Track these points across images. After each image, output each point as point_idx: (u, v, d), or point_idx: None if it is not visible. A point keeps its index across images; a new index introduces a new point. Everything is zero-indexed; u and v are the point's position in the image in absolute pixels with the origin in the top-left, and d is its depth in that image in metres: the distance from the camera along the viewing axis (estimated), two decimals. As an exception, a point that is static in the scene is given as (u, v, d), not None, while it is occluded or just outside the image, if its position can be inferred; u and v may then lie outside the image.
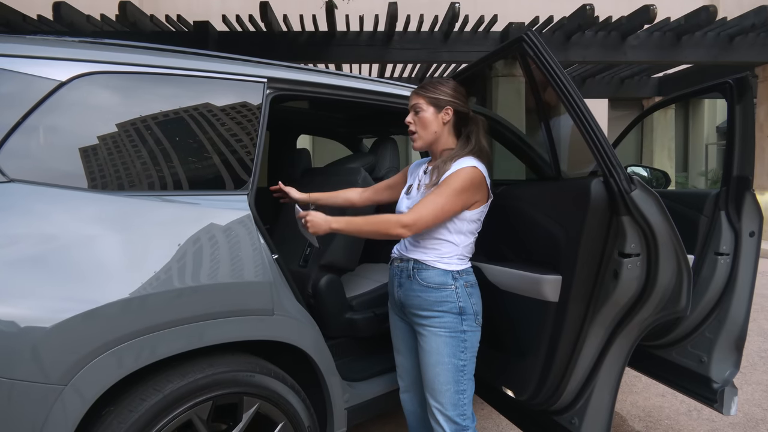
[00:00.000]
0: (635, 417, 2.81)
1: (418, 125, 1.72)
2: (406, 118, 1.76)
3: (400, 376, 1.93)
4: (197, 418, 1.45)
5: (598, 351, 1.71)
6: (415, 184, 1.78)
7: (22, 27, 6.81)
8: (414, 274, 1.70)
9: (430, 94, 1.70)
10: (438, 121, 1.71)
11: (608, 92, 11.38)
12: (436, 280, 1.66)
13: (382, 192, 1.99)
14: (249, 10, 7.71)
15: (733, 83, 2.08)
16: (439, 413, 1.66)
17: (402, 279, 1.74)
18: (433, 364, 1.66)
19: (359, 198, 2.01)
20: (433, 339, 1.66)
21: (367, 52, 7.92)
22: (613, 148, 1.51)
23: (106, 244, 1.35)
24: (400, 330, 1.87)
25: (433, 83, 1.73)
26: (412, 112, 1.73)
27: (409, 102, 1.76)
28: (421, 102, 1.71)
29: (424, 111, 1.71)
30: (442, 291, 1.66)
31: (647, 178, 2.95)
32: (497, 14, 7.63)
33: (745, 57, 8.11)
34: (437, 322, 1.66)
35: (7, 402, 1.17)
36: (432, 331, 1.66)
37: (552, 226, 1.70)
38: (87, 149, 1.41)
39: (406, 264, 1.73)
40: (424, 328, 1.68)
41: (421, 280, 1.68)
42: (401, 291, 1.74)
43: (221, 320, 1.51)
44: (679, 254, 1.55)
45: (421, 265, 1.69)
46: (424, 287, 1.67)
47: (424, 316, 1.68)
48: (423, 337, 1.69)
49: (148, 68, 1.54)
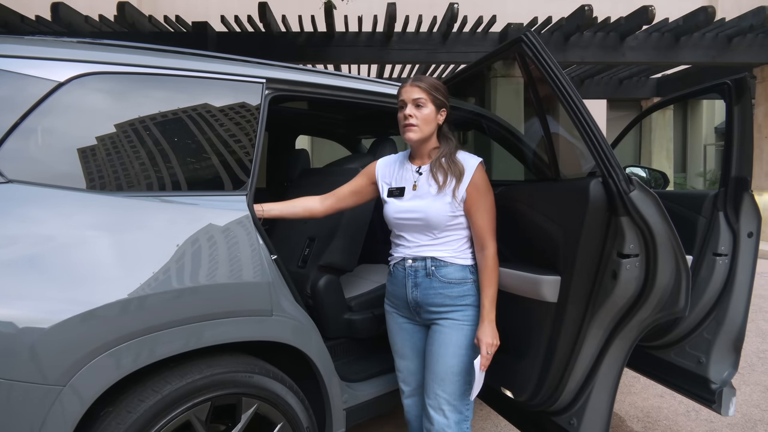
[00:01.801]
0: (634, 417, 2.81)
1: (421, 119, 1.69)
2: (405, 109, 1.69)
3: (404, 381, 1.89)
4: (196, 419, 1.45)
5: (596, 351, 1.71)
6: (409, 185, 1.74)
7: (20, 27, 6.80)
8: (433, 272, 1.70)
9: (434, 93, 1.69)
10: (435, 121, 1.72)
11: (607, 93, 11.40)
12: (456, 275, 1.69)
13: (347, 198, 1.89)
14: (248, 11, 7.72)
15: (732, 84, 2.08)
16: (446, 402, 1.67)
17: (418, 279, 1.72)
18: (451, 356, 1.67)
19: (321, 206, 1.88)
20: (455, 331, 1.68)
21: (366, 52, 7.92)
22: (611, 149, 1.51)
23: (105, 245, 1.35)
24: (407, 333, 1.83)
25: (432, 82, 1.71)
26: (413, 105, 1.69)
27: (406, 93, 1.70)
28: (424, 98, 1.68)
29: (425, 107, 1.69)
30: (462, 285, 1.70)
31: (646, 178, 2.95)
32: (496, 15, 7.65)
33: (743, 58, 8.13)
34: (461, 315, 1.69)
35: (6, 402, 1.16)
36: (454, 324, 1.68)
37: (551, 227, 1.70)
38: (85, 150, 1.40)
39: (421, 263, 1.72)
40: (445, 320, 1.70)
41: (441, 277, 1.69)
42: (418, 291, 1.72)
43: (220, 321, 1.51)
44: (677, 255, 1.55)
45: (439, 262, 1.70)
46: (445, 284, 1.69)
47: (445, 311, 1.69)
48: (442, 329, 1.70)
49: (146, 69, 1.54)
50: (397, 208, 1.73)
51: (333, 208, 1.90)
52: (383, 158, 1.88)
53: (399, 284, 1.78)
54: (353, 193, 1.89)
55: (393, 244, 1.83)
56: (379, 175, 1.84)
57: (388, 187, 1.80)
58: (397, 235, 1.78)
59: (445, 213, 1.66)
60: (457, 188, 1.66)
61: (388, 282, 1.87)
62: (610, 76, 10.88)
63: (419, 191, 1.71)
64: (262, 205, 1.76)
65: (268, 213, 1.77)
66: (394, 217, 1.74)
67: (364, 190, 1.87)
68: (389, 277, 1.86)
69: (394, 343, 1.89)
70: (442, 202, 1.66)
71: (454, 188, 1.66)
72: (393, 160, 1.85)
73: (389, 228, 1.81)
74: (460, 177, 1.66)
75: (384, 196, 1.80)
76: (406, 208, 1.71)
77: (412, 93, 1.69)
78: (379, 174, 1.84)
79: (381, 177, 1.83)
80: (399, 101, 1.73)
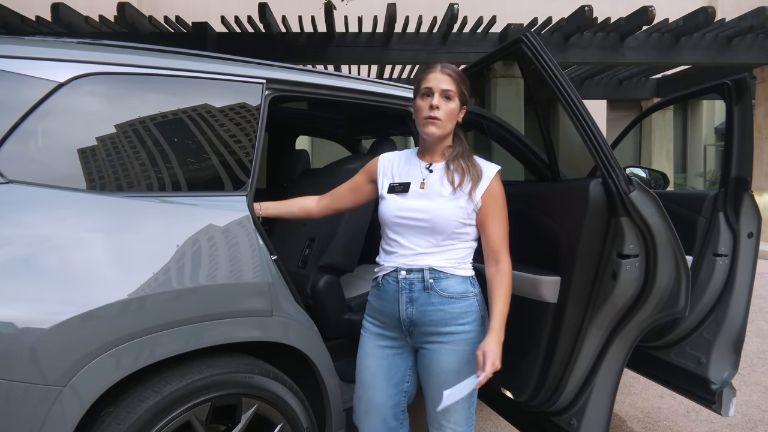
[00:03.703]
0: (634, 418, 2.81)
1: (445, 114, 1.50)
2: (431, 98, 1.50)
3: (365, 412, 1.63)
4: (196, 419, 1.45)
5: (596, 352, 1.71)
6: (415, 182, 1.56)
7: (20, 28, 6.80)
8: (432, 285, 1.50)
9: (462, 87, 1.53)
10: (457, 117, 1.56)
11: (607, 93, 11.40)
12: (458, 288, 1.52)
13: (345, 197, 1.75)
14: (248, 11, 7.71)
15: (732, 84, 2.08)
16: None
17: (414, 293, 1.52)
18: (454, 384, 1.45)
19: (317, 207, 1.78)
20: (455, 357, 1.50)
21: (366, 53, 7.92)
22: (611, 150, 1.51)
23: (105, 245, 1.35)
24: (386, 360, 1.60)
25: (462, 75, 1.54)
26: (441, 96, 1.49)
27: (435, 81, 1.50)
28: (453, 90, 1.50)
29: (452, 102, 1.51)
30: (465, 300, 1.52)
31: (646, 179, 2.95)
32: (496, 15, 7.65)
33: (743, 58, 8.13)
34: (462, 338, 1.51)
35: (6, 403, 1.16)
36: (453, 349, 1.51)
37: (551, 227, 1.70)
38: (86, 150, 1.40)
39: (418, 275, 1.51)
40: (442, 345, 1.51)
41: (441, 291, 1.50)
42: (414, 307, 1.52)
43: (220, 321, 1.51)
44: (677, 255, 1.55)
45: (438, 273, 1.51)
46: (445, 299, 1.50)
47: (445, 332, 1.51)
48: (439, 355, 1.52)
49: (146, 69, 1.54)
50: (399, 205, 1.54)
51: (329, 207, 1.78)
52: (387, 153, 1.71)
53: (389, 300, 1.56)
54: (351, 191, 1.73)
55: (383, 251, 1.61)
56: (381, 170, 1.65)
57: (390, 182, 1.61)
58: (391, 240, 1.57)
59: (456, 218, 1.49)
60: (473, 192, 1.50)
61: (373, 297, 1.64)
62: (610, 76, 10.88)
63: (428, 190, 1.53)
64: (259, 204, 1.71)
65: (264, 211, 1.73)
66: (393, 215, 1.54)
67: (362, 188, 1.71)
68: (375, 291, 1.63)
69: (364, 368, 1.63)
70: (455, 205, 1.49)
71: (470, 191, 1.50)
72: (398, 155, 1.67)
73: (382, 230, 1.62)
74: (478, 180, 1.51)
75: (383, 191, 1.60)
76: (410, 207, 1.52)
77: (442, 82, 1.49)
78: (381, 169, 1.66)
79: (382, 172, 1.65)
80: (422, 88, 1.52)
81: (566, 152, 1.93)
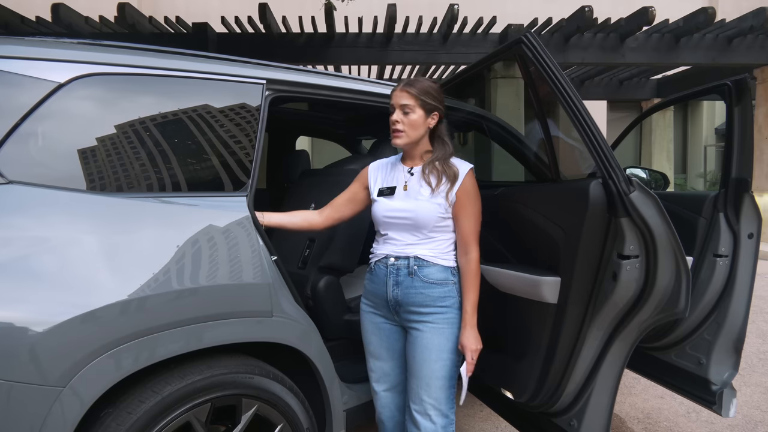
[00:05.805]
0: (634, 419, 2.81)
1: (407, 125, 1.70)
2: (392, 115, 1.71)
3: (376, 381, 1.89)
4: (196, 420, 1.45)
5: (597, 353, 1.71)
6: (400, 185, 1.75)
7: (20, 28, 6.80)
8: (415, 271, 1.70)
9: (423, 98, 1.69)
10: (425, 125, 1.72)
11: (607, 94, 11.39)
12: (438, 276, 1.70)
13: (344, 207, 1.89)
14: (248, 12, 7.71)
15: (732, 85, 2.08)
16: (432, 407, 1.68)
17: (400, 277, 1.72)
18: (434, 360, 1.67)
19: (320, 217, 1.89)
20: (436, 334, 1.68)
21: (366, 53, 7.92)
22: (611, 150, 1.51)
23: (105, 246, 1.35)
24: (384, 333, 1.83)
25: (424, 86, 1.70)
26: (400, 111, 1.70)
27: (396, 98, 1.71)
28: (412, 104, 1.68)
29: (413, 113, 1.69)
30: (444, 286, 1.70)
31: (646, 179, 2.95)
32: (496, 16, 7.64)
33: (743, 59, 8.13)
34: (441, 318, 1.69)
35: (6, 403, 1.16)
36: (434, 327, 1.69)
37: (551, 228, 1.70)
38: (86, 151, 1.41)
39: (404, 261, 1.72)
40: (425, 324, 1.70)
41: (423, 276, 1.70)
42: (399, 289, 1.72)
43: (220, 322, 1.51)
44: (677, 256, 1.55)
45: (422, 261, 1.70)
46: (426, 284, 1.69)
47: (425, 312, 1.70)
48: (422, 333, 1.70)
49: (146, 70, 1.54)
50: (387, 207, 1.74)
51: (331, 218, 1.89)
52: (376, 161, 1.90)
53: (379, 282, 1.78)
54: (349, 200, 1.88)
55: (376, 242, 1.83)
56: (371, 177, 1.85)
57: (379, 186, 1.80)
58: (383, 234, 1.78)
59: (435, 214, 1.68)
60: (450, 191, 1.68)
61: (368, 280, 1.85)
62: (610, 77, 10.87)
63: (410, 192, 1.73)
64: (262, 213, 1.75)
65: (268, 221, 1.78)
66: (383, 216, 1.75)
67: (358, 196, 1.87)
68: (369, 275, 1.84)
69: (369, 343, 1.87)
70: (434, 202, 1.68)
71: (446, 191, 1.68)
72: (385, 162, 1.87)
73: (376, 227, 1.82)
74: (455, 180, 1.69)
75: (374, 195, 1.80)
76: (396, 207, 1.73)
77: (401, 98, 1.70)
78: (371, 175, 1.85)
79: (373, 178, 1.84)
80: (390, 105, 1.75)
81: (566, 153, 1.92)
